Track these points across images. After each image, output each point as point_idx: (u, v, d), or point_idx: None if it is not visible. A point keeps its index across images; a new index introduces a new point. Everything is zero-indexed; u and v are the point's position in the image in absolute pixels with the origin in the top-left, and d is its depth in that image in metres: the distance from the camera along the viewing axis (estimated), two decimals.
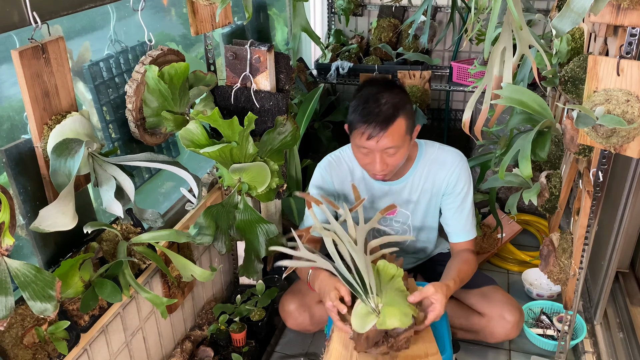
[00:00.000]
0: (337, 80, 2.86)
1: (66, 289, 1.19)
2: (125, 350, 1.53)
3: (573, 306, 1.57)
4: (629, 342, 1.79)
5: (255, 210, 1.57)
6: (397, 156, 1.60)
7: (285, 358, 1.94)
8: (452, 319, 1.81)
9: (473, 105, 1.22)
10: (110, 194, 1.22)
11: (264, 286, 1.99)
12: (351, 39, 3.10)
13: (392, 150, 1.58)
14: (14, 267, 0.98)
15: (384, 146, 1.56)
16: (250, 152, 1.47)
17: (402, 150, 1.60)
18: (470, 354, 1.90)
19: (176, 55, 1.48)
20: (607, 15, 1.11)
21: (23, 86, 1.10)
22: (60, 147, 1.13)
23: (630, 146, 1.19)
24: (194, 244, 1.69)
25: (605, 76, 1.18)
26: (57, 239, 1.25)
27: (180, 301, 1.75)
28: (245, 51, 1.57)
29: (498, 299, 1.78)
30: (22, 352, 1.14)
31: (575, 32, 1.60)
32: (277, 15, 2.77)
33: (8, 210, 0.96)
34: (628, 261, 2.06)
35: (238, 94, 1.61)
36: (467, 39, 1.41)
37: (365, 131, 1.54)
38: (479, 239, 2.38)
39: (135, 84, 1.36)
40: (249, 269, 1.62)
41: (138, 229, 1.47)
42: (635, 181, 1.68)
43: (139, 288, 1.30)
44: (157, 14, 1.89)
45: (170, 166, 1.36)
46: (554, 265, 1.57)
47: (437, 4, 2.90)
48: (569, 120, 1.33)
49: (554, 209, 1.69)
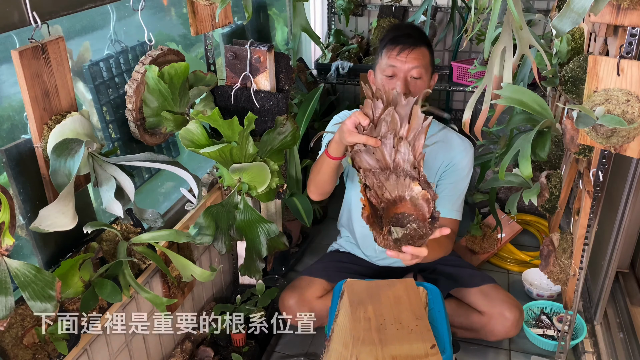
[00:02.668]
0: (337, 80, 2.86)
1: (66, 289, 1.19)
2: (125, 350, 1.53)
3: (573, 306, 1.57)
4: (629, 342, 1.79)
5: (255, 210, 1.57)
6: (419, 83, 1.68)
7: (285, 358, 1.94)
8: (452, 317, 1.81)
9: (473, 105, 1.22)
10: (110, 194, 1.22)
11: (264, 286, 1.99)
12: (351, 39, 3.10)
13: (416, 73, 1.66)
14: (14, 267, 0.98)
15: (411, 65, 1.65)
16: (250, 152, 1.47)
17: (424, 79, 1.69)
18: (470, 354, 1.90)
19: (176, 55, 1.48)
20: (607, 15, 1.11)
21: (23, 86, 1.09)
22: (60, 147, 1.13)
23: (630, 146, 1.19)
24: (194, 244, 1.69)
25: (606, 76, 1.18)
26: (57, 239, 1.25)
27: (180, 301, 1.75)
28: (245, 51, 1.57)
29: (498, 297, 1.78)
30: (22, 352, 1.14)
31: (575, 32, 1.60)
32: (277, 15, 2.77)
33: (8, 210, 0.96)
34: (628, 261, 2.06)
35: (238, 94, 1.61)
36: (467, 39, 1.41)
37: (396, 47, 1.67)
38: (479, 239, 2.38)
39: (135, 84, 1.36)
40: (250, 268, 1.62)
41: (138, 229, 1.47)
42: (635, 181, 1.68)
43: (139, 288, 1.30)
44: (157, 14, 1.89)
45: (170, 166, 1.36)
46: (554, 265, 1.57)
47: (437, 4, 2.90)
48: (569, 120, 1.33)
49: (554, 209, 1.68)
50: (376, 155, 1.32)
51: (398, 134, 1.30)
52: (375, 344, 1.34)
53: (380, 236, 1.25)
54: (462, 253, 2.34)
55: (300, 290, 1.84)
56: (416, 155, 1.29)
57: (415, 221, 1.27)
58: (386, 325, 1.40)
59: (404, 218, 1.30)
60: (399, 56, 1.66)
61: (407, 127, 1.29)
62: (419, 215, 1.29)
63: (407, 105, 1.29)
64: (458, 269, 1.91)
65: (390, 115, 1.29)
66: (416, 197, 1.29)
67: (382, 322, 1.41)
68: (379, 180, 1.32)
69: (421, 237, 1.26)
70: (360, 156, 1.33)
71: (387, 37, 1.72)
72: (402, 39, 1.68)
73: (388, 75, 1.68)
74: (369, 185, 1.32)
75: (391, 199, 1.32)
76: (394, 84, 1.67)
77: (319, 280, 1.88)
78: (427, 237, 1.26)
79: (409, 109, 1.29)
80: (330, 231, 2.14)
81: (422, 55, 1.68)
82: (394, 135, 1.30)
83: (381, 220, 1.30)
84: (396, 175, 1.31)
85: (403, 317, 1.42)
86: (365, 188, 1.32)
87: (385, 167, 1.32)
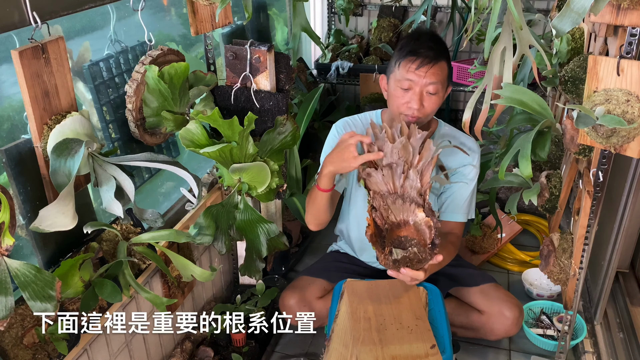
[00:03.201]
0: (337, 80, 2.86)
1: (66, 289, 1.19)
2: (125, 350, 1.53)
3: (573, 306, 1.57)
4: (629, 342, 1.79)
5: (255, 210, 1.57)
6: (434, 99, 1.63)
7: (285, 358, 1.94)
8: (451, 316, 1.81)
9: (473, 105, 1.22)
10: (110, 194, 1.22)
11: (264, 286, 1.99)
12: (351, 39, 3.10)
13: (432, 89, 1.60)
14: (14, 267, 0.98)
15: (429, 80, 1.59)
16: (250, 152, 1.47)
17: (439, 95, 1.64)
18: (470, 354, 1.90)
19: (176, 55, 1.48)
20: (607, 15, 1.11)
21: (23, 86, 1.09)
22: (60, 147, 1.13)
23: (630, 146, 1.19)
24: (194, 244, 1.69)
25: (606, 76, 1.18)
26: (57, 239, 1.25)
27: (180, 301, 1.75)
28: (245, 51, 1.57)
29: (497, 296, 1.78)
30: (22, 352, 1.15)
31: (575, 32, 1.60)
32: (277, 15, 2.77)
33: (8, 210, 0.96)
34: (628, 261, 2.06)
35: (238, 94, 1.61)
36: (467, 39, 1.41)
37: (416, 61, 1.59)
38: (479, 239, 2.38)
39: (135, 84, 1.36)
40: (250, 268, 1.62)
41: (138, 229, 1.47)
42: (635, 181, 1.68)
43: (139, 288, 1.30)
44: (157, 14, 1.89)
45: (170, 166, 1.36)
46: (554, 265, 1.57)
47: (437, 4, 2.90)
48: (569, 120, 1.33)
49: (554, 209, 1.68)
50: (385, 180, 1.38)
51: (409, 163, 1.37)
52: (375, 344, 1.34)
53: (382, 255, 1.32)
54: (462, 253, 2.34)
55: (300, 290, 1.84)
56: (423, 184, 1.36)
57: (416, 245, 1.34)
58: (386, 325, 1.40)
59: (406, 241, 1.38)
60: (418, 71, 1.59)
61: (418, 158, 1.37)
62: (420, 240, 1.37)
63: (420, 138, 1.38)
64: (458, 268, 1.91)
65: (404, 146, 1.36)
66: (419, 222, 1.37)
67: (382, 322, 1.41)
68: (386, 203, 1.38)
69: (420, 261, 1.33)
70: (372, 179, 1.40)
71: (407, 47, 1.62)
72: (424, 52, 1.59)
73: (404, 87, 1.62)
74: (375, 206, 1.39)
75: (395, 222, 1.39)
76: (409, 97, 1.62)
77: (319, 280, 1.88)
78: (425, 262, 1.34)
79: (421, 141, 1.38)
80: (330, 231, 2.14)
81: (440, 71, 1.61)
82: (404, 162, 1.37)
83: (384, 241, 1.37)
84: (402, 200, 1.38)
85: (403, 317, 1.42)
86: (372, 209, 1.39)
87: (393, 191, 1.39)
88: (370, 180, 1.40)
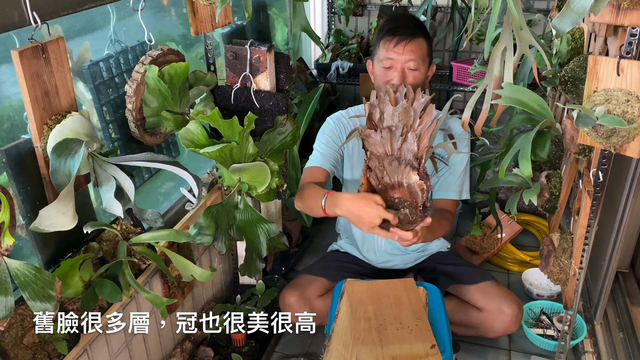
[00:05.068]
0: (337, 80, 2.86)
1: (66, 289, 1.19)
2: (125, 350, 1.53)
3: (573, 306, 1.57)
4: (629, 342, 1.79)
5: (255, 210, 1.57)
6: (416, 74, 1.69)
7: (285, 358, 1.94)
8: (451, 314, 1.81)
9: (473, 105, 1.22)
10: (110, 194, 1.22)
11: (264, 286, 1.99)
12: (351, 39, 3.10)
13: (413, 65, 1.68)
14: (14, 267, 0.98)
15: (408, 57, 1.67)
16: (250, 152, 1.47)
17: (421, 70, 1.70)
18: (470, 354, 1.90)
19: (176, 55, 1.48)
20: (607, 15, 1.11)
21: (23, 86, 1.09)
22: (60, 147, 1.13)
23: (630, 146, 1.19)
24: (194, 244, 1.69)
25: (605, 76, 1.18)
26: (57, 239, 1.25)
27: (180, 301, 1.75)
28: (245, 51, 1.57)
29: (496, 293, 1.78)
30: (22, 352, 1.15)
31: (575, 32, 1.60)
32: (277, 15, 2.77)
33: (8, 210, 0.96)
34: (628, 261, 2.06)
35: (238, 94, 1.61)
36: (467, 39, 1.41)
37: (393, 39, 1.67)
38: (479, 239, 2.37)
39: (135, 84, 1.36)
40: (250, 268, 1.62)
41: (138, 229, 1.47)
42: (635, 181, 1.68)
43: (139, 288, 1.30)
44: (157, 14, 1.89)
45: (170, 166, 1.36)
46: (554, 265, 1.57)
47: (437, 4, 2.90)
48: (569, 120, 1.33)
49: (554, 209, 1.68)
50: (383, 141, 1.39)
51: (408, 126, 1.38)
52: (375, 344, 1.34)
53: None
54: (462, 253, 2.34)
55: (301, 289, 1.84)
56: (420, 147, 1.38)
57: (408, 207, 1.39)
58: (386, 325, 1.40)
59: (399, 202, 1.42)
60: (396, 48, 1.67)
61: (418, 121, 1.38)
62: (412, 202, 1.40)
63: (423, 102, 1.39)
64: (458, 267, 1.91)
65: (406, 109, 1.37)
66: (413, 185, 1.39)
67: (382, 322, 1.41)
68: (382, 164, 1.40)
69: (410, 222, 1.38)
70: (370, 140, 1.41)
71: (385, 28, 1.73)
72: (400, 30, 1.68)
73: (385, 67, 1.70)
74: (371, 167, 1.42)
75: (390, 183, 1.42)
76: (391, 75, 1.69)
77: (319, 279, 1.89)
78: (415, 224, 1.38)
79: (423, 105, 1.39)
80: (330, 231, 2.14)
81: (419, 47, 1.69)
82: (404, 125, 1.38)
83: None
84: (398, 162, 1.39)
85: (403, 317, 1.42)
86: (367, 169, 1.43)
87: (391, 153, 1.40)
88: (368, 141, 1.42)
